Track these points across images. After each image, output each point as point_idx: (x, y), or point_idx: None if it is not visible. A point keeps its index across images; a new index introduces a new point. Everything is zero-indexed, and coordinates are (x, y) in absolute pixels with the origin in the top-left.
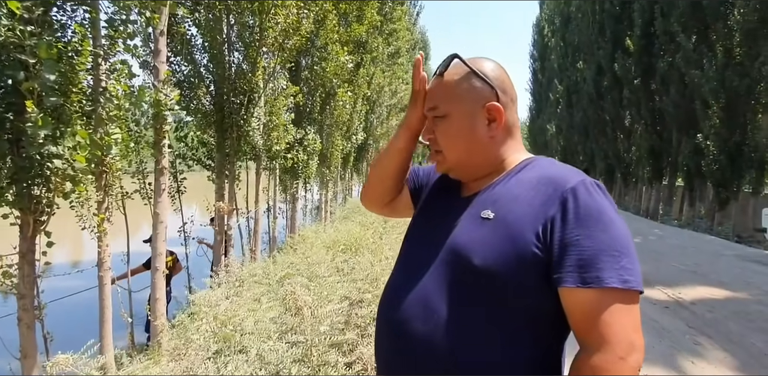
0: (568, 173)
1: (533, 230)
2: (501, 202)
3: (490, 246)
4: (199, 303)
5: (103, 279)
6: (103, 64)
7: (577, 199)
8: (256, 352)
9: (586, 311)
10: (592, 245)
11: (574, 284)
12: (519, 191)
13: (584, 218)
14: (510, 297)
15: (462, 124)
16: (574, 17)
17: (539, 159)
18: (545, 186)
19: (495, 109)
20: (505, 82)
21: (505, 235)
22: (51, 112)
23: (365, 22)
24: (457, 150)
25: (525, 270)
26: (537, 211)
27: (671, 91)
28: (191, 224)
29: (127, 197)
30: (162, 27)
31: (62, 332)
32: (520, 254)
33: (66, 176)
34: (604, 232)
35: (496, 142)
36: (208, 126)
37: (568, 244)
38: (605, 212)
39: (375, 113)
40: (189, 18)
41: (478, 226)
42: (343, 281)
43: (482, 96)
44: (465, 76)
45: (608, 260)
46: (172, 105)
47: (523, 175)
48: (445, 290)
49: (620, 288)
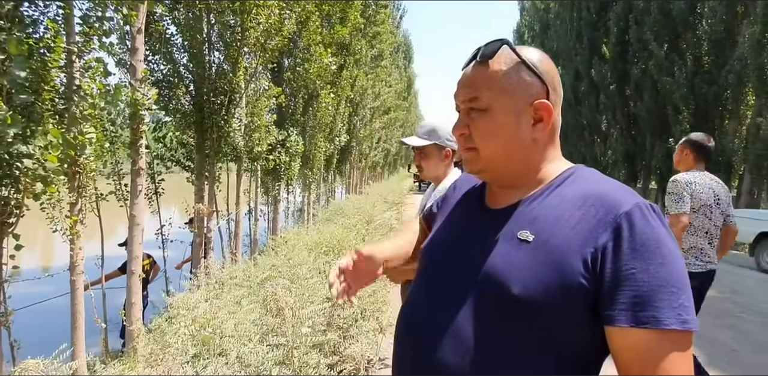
0: (621, 194)
1: (581, 258)
2: (541, 222)
3: (530, 273)
4: (177, 306)
5: (76, 284)
6: (77, 62)
7: (633, 226)
8: (236, 355)
9: (639, 354)
10: (650, 281)
11: (628, 324)
12: (562, 211)
13: (641, 249)
14: (550, 330)
15: (505, 121)
16: (552, 24)
17: (580, 170)
18: (594, 208)
19: (544, 107)
20: (555, 77)
21: (548, 261)
22: (21, 110)
23: (348, 24)
24: (495, 149)
25: (569, 302)
26: (585, 236)
27: (645, 97)
28: (169, 226)
29: (102, 198)
30: (139, 25)
31: (31, 340)
32: (564, 284)
33: (36, 177)
34: (662, 265)
35: (538, 146)
36: (187, 126)
37: (622, 278)
38: (664, 242)
39: (358, 115)
40: (168, 16)
41: (514, 249)
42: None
43: (531, 92)
44: (514, 66)
45: (667, 298)
46: (149, 104)
47: (564, 191)
48: (479, 318)
49: (678, 330)
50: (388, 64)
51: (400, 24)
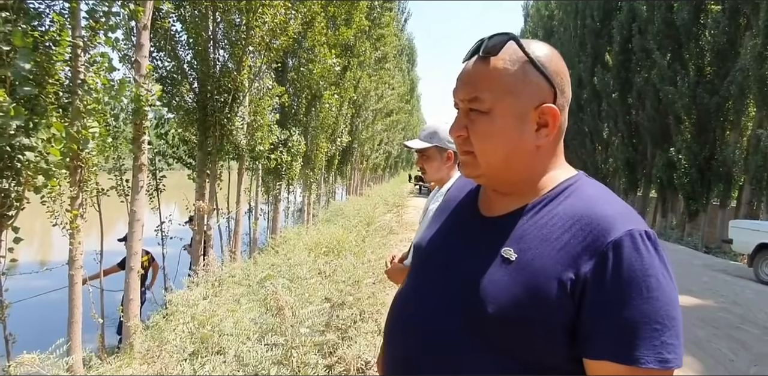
0: (615, 218)
1: (560, 284)
2: (527, 241)
3: (506, 293)
4: (176, 303)
5: (74, 278)
6: (83, 56)
7: (620, 256)
8: (234, 353)
9: None
10: (631, 316)
11: (603, 358)
12: (550, 231)
13: (625, 282)
14: (524, 348)
15: (506, 125)
16: (556, 31)
17: (580, 181)
18: (583, 232)
19: (551, 112)
20: (564, 78)
21: (526, 284)
22: (24, 102)
23: (353, 26)
24: (494, 155)
25: (544, 326)
26: (568, 261)
27: (647, 106)
28: (169, 223)
29: (103, 193)
30: (145, 21)
31: (27, 334)
32: (539, 306)
33: (38, 170)
34: (647, 300)
35: (541, 153)
36: (190, 124)
37: (602, 310)
38: (652, 275)
39: (360, 117)
40: (174, 13)
41: (497, 266)
42: (325, 283)
43: (538, 94)
44: (521, 66)
45: (648, 336)
46: (153, 101)
47: (558, 207)
48: (457, 332)
49: (656, 369)
50: (392, 66)
51: (404, 27)
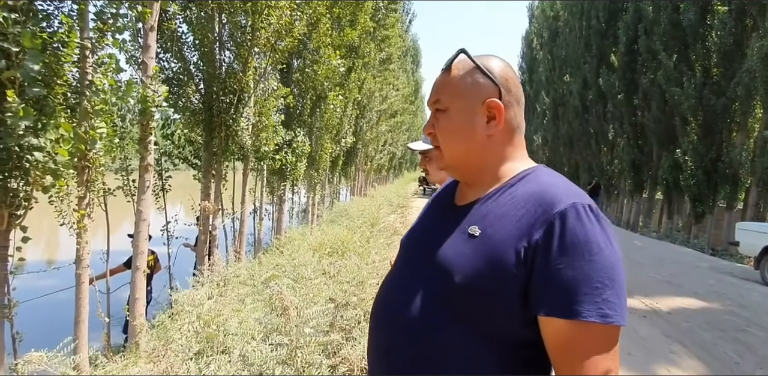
0: (562, 194)
1: (515, 253)
2: (489, 218)
3: (470, 264)
4: (181, 302)
5: (81, 277)
6: (91, 57)
7: (565, 225)
8: (239, 353)
9: (560, 343)
10: (574, 276)
11: (551, 314)
12: (509, 209)
13: (569, 246)
14: (485, 316)
15: (460, 120)
16: (561, 32)
17: (538, 170)
18: (534, 206)
19: (495, 105)
20: (510, 81)
21: (487, 254)
22: (33, 103)
23: (358, 27)
24: (454, 146)
25: (501, 291)
26: (522, 232)
27: (653, 107)
28: (175, 223)
29: (110, 193)
30: (152, 22)
31: (34, 333)
32: (498, 275)
33: (46, 170)
34: (588, 262)
35: (494, 142)
36: (195, 124)
37: (549, 273)
38: (593, 240)
39: (365, 118)
40: (180, 15)
41: (463, 242)
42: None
43: (484, 92)
44: (469, 71)
45: (589, 293)
46: (159, 101)
47: (516, 190)
48: (429, 304)
49: (599, 323)
50: (396, 67)
51: (408, 28)
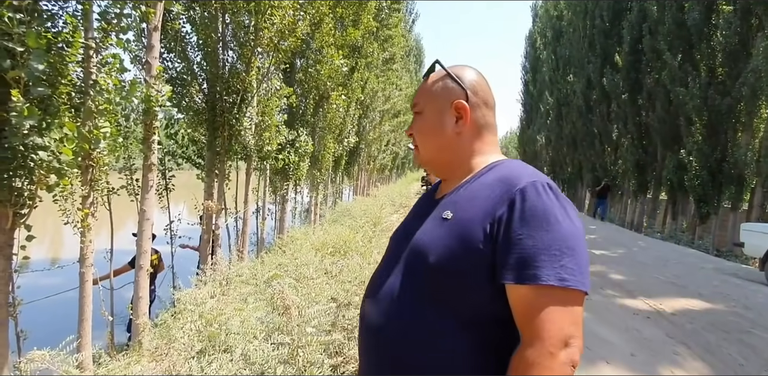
0: (522, 174)
1: (482, 229)
2: (460, 203)
3: (443, 244)
4: (184, 301)
5: (85, 276)
6: (95, 57)
7: (525, 199)
8: (241, 352)
9: (523, 307)
10: (534, 245)
11: (514, 281)
12: (477, 192)
13: (529, 218)
14: (461, 293)
15: (432, 120)
16: (565, 31)
17: (505, 162)
18: (498, 187)
19: (461, 106)
20: (476, 85)
21: (458, 233)
22: (38, 102)
23: (361, 27)
24: (428, 145)
25: (473, 267)
26: (488, 210)
27: (657, 107)
28: (178, 222)
29: (113, 192)
30: (156, 22)
31: (38, 331)
32: (468, 251)
33: (51, 169)
34: (547, 232)
35: (462, 139)
36: (199, 124)
37: (512, 242)
38: (551, 212)
39: (368, 118)
40: (184, 15)
41: (438, 226)
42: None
43: (452, 95)
44: (441, 77)
45: (548, 259)
46: (163, 101)
47: (484, 178)
48: (408, 285)
49: (557, 286)
50: (399, 67)
51: (412, 28)
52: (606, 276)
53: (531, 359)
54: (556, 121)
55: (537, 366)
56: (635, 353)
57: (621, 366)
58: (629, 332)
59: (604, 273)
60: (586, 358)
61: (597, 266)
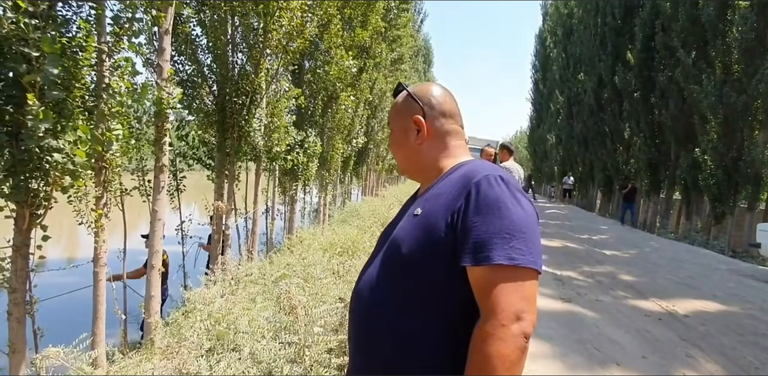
0: (479, 170)
1: (444, 222)
2: (429, 200)
3: (413, 236)
4: (193, 300)
5: (98, 275)
6: (107, 61)
7: (479, 191)
8: (249, 351)
9: (480, 286)
10: (487, 230)
11: (471, 263)
12: (443, 189)
13: (482, 207)
14: (427, 278)
15: (398, 135)
16: (576, 29)
17: (470, 162)
18: (459, 183)
19: (418, 120)
20: (432, 100)
21: (424, 226)
22: (53, 106)
23: (369, 27)
24: (399, 156)
25: (438, 255)
26: (449, 204)
27: (670, 105)
28: (189, 222)
29: (126, 193)
30: (167, 26)
31: (53, 329)
32: (432, 241)
33: (65, 170)
34: (498, 218)
35: (423, 148)
36: (209, 126)
37: (468, 229)
38: (502, 201)
39: (376, 118)
40: (194, 18)
41: (409, 221)
42: (338, 283)
43: (412, 111)
44: (404, 98)
45: (499, 242)
46: (174, 103)
47: (451, 176)
48: (383, 275)
49: (507, 265)
50: (408, 67)
51: (420, 28)
52: (616, 277)
53: (486, 331)
54: (567, 120)
55: (492, 337)
56: (647, 356)
57: (632, 368)
58: (641, 334)
59: (615, 274)
60: (597, 359)
61: (607, 266)
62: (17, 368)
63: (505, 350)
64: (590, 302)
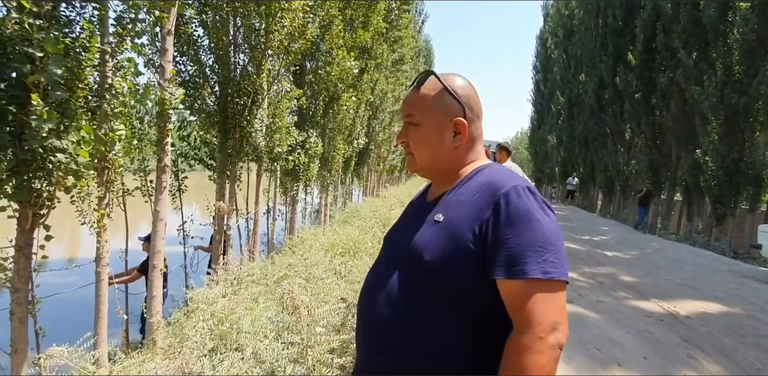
0: (506, 179)
1: (471, 230)
2: (450, 206)
3: (436, 244)
4: (196, 300)
5: (101, 275)
6: (110, 62)
7: (508, 202)
8: (251, 350)
9: (514, 299)
10: (519, 243)
11: (504, 276)
12: (466, 197)
13: (513, 219)
14: (455, 289)
15: (432, 134)
16: (577, 30)
17: (490, 166)
18: (485, 191)
19: (461, 123)
20: (471, 99)
21: (450, 235)
22: (56, 106)
23: (371, 28)
24: (426, 155)
25: (464, 265)
26: (476, 213)
27: (671, 107)
28: (191, 222)
29: (128, 193)
30: (170, 27)
31: (55, 329)
32: (459, 250)
33: (68, 170)
34: (530, 231)
35: (459, 152)
36: (211, 126)
37: (500, 242)
38: (532, 213)
39: (377, 119)
40: (196, 19)
41: (430, 228)
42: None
43: (452, 111)
44: (439, 92)
45: (532, 255)
46: (176, 104)
47: (471, 182)
48: (404, 284)
49: (542, 279)
50: (409, 68)
51: (421, 29)
52: (617, 278)
53: (523, 343)
54: (568, 121)
55: (529, 350)
56: (648, 356)
57: (634, 369)
58: (642, 335)
59: (616, 275)
60: (598, 360)
61: (609, 267)
62: (19, 367)
63: (542, 361)
64: (591, 302)
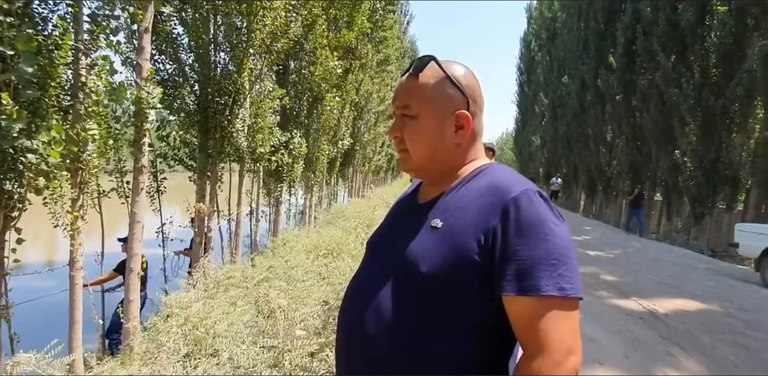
0: (513, 182)
1: (475, 239)
2: (450, 211)
3: (436, 253)
4: (170, 305)
5: (75, 279)
6: (84, 59)
7: (519, 209)
8: (228, 356)
9: (526, 318)
10: (532, 255)
11: (514, 293)
12: (467, 200)
13: (525, 228)
14: (454, 303)
15: (431, 127)
16: (560, 33)
17: (492, 166)
18: (490, 195)
19: (464, 117)
20: (476, 91)
21: (450, 243)
22: (27, 105)
23: (355, 28)
24: (422, 152)
25: (467, 277)
26: (481, 220)
27: (651, 108)
28: (170, 224)
29: (104, 195)
30: (147, 24)
31: (30, 334)
32: (462, 261)
33: (39, 171)
34: (543, 241)
35: (460, 148)
36: (191, 126)
37: (509, 253)
38: (545, 222)
39: (362, 119)
40: (175, 16)
41: (427, 235)
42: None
43: (454, 103)
44: (440, 80)
45: (546, 269)
46: (154, 103)
47: (473, 184)
48: (396, 296)
49: (557, 296)
50: (394, 69)
51: (406, 30)
52: (599, 277)
53: (539, 369)
54: (551, 123)
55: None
56: (628, 355)
57: (614, 367)
58: (622, 333)
59: (598, 274)
60: None
61: (591, 267)
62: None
63: None
64: None
